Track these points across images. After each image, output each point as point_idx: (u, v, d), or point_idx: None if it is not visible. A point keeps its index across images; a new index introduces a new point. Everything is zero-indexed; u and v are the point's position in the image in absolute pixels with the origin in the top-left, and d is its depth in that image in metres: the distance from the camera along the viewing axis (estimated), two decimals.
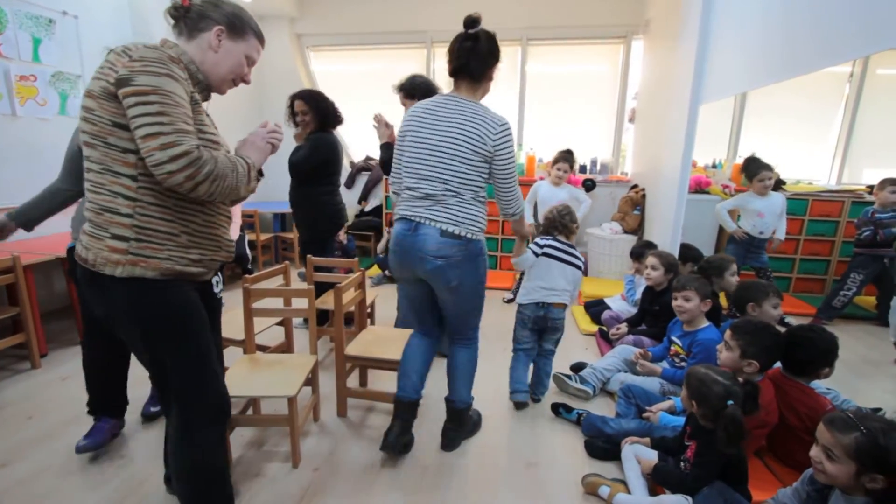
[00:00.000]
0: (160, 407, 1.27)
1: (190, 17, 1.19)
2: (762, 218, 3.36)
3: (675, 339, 2.21)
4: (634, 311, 2.94)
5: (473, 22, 1.64)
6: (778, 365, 1.80)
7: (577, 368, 2.51)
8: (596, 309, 3.27)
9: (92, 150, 1.10)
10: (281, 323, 2.42)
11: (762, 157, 3.53)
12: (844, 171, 4.61)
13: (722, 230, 3.91)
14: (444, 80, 1.81)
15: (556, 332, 2.27)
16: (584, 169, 4.94)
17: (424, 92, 2.48)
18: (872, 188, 3.46)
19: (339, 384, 2.11)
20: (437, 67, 5.02)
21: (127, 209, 1.10)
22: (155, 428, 2.00)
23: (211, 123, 1.22)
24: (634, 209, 4.27)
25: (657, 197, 3.74)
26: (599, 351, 2.86)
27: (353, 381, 2.35)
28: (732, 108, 4.63)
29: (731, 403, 1.39)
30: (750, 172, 3.40)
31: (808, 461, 1.28)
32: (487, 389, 2.30)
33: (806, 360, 1.71)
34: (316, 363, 1.96)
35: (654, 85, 4.06)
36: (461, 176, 1.66)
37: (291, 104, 2.78)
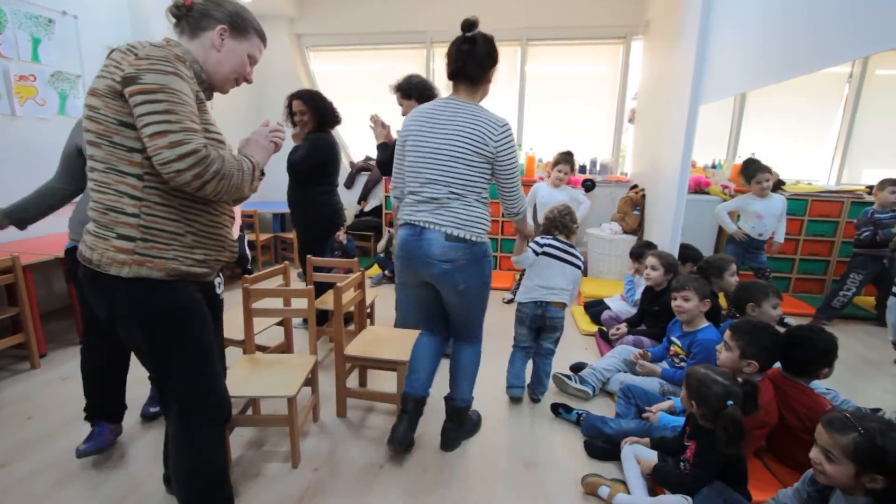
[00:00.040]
0: (160, 407, 1.27)
1: (192, 15, 1.18)
2: (761, 220, 3.36)
3: (674, 339, 2.21)
4: (634, 311, 2.94)
5: (471, 25, 1.65)
6: (777, 365, 1.80)
7: (576, 369, 2.51)
8: (595, 309, 3.27)
9: (96, 149, 1.09)
10: (280, 323, 2.42)
11: (761, 157, 3.54)
12: (844, 171, 4.62)
13: (721, 230, 3.91)
14: (443, 80, 1.81)
15: (554, 331, 2.27)
16: (583, 169, 4.94)
17: (421, 92, 2.48)
18: (872, 188, 3.46)
19: (338, 384, 2.11)
20: (436, 68, 5.02)
21: (133, 209, 1.09)
22: (154, 428, 2.01)
23: (215, 122, 1.22)
24: (634, 209, 4.27)
25: (657, 197, 3.74)
26: (599, 351, 2.86)
27: (352, 381, 2.35)
28: (732, 108, 4.64)
29: (730, 403, 1.39)
30: (748, 174, 3.40)
31: (807, 461, 1.28)
32: (487, 390, 2.30)
33: (805, 360, 1.71)
34: (315, 363, 1.96)
35: (653, 85, 4.07)
36: (464, 178, 1.66)
37: (289, 104, 2.78)
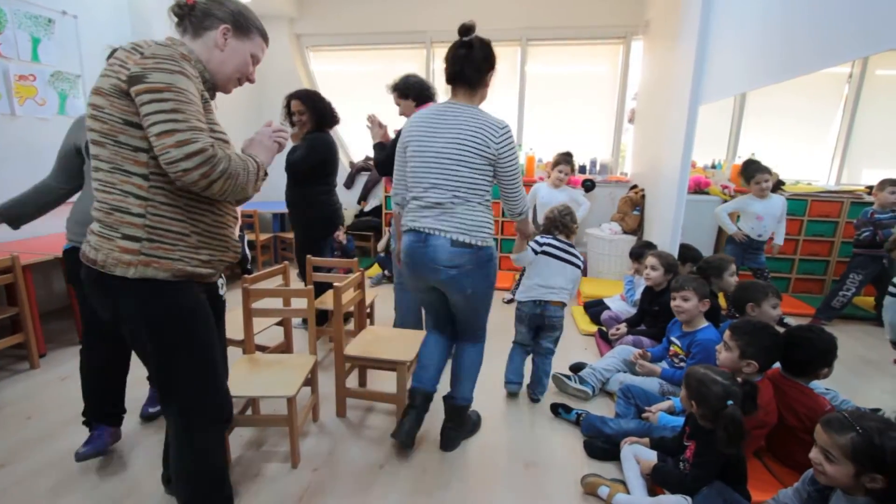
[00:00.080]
0: (162, 407, 1.25)
1: (195, 15, 1.18)
2: (761, 221, 3.36)
3: (674, 339, 2.21)
4: (634, 311, 2.94)
5: (467, 30, 1.66)
6: (777, 365, 1.80)
7: (576, 369, 2.51)
8: (595, 309, 3.27)
9: (101, 148, 1.08)
10: (280, 323, 2.42)
11: (761, 157, 3.54)
12: (843, 171, 4.62)
13: (721, 230, 3.91)
14: (443, 81, 1.81)
15: (553, 330, 2.28)
16: (583, 169, 4.94)
17: (418, 92, 2.48)
18: (871, 189, 3.46)
19: (338, 384, 2.11)
20: (436, 68, 5.02)
21: (138, 209, 1.08)
22: (153, 429, 2.01)
23: (218, 122, 1.22)
24: (634, 209, 4.27)
25: (656, 197, 3.74)
26: (599, 351, 2.86)
27: (352, 381, 2.35)
28: (732, 108, 4.64)
29: (730, 403, 1.39)
30: (748, 174, 3.40)
31: (807, 461, 1.28)
32: (487, 390, 2.30)
33: (805, 360, 1.72)
34: (315, 363, 1.96)
35: (653, 85, 4.07)
36: (468, 182, 1.67)
37: (288, 104, 2.78)
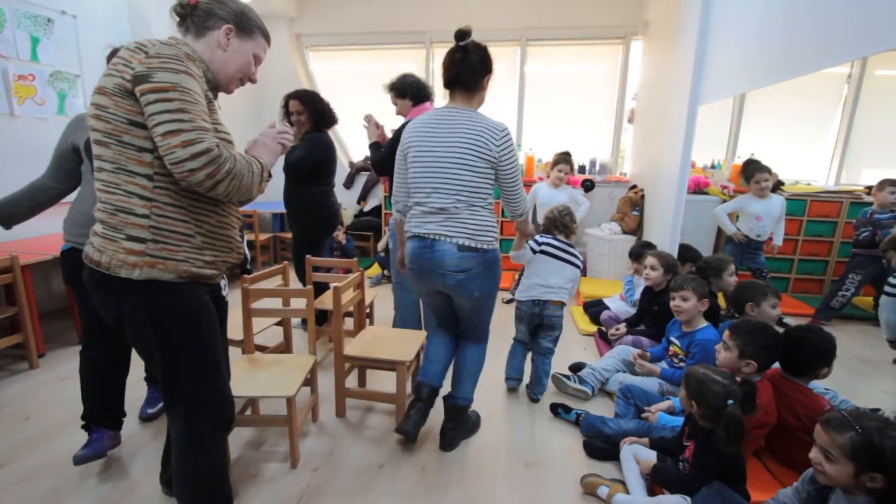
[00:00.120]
0: (165, 409, 1.25)
1: (197, 14, 1.17)
2: (760, 221, 3.36)
3: (673, 339, 2.21)
4: (633, 311, 2.94)
5: (463, 35, 1.68)
6: (776, 365, 1.80)
7: (575, 369, 2.51)
8: (595, 309, 3.27)
9: (104, 148, 1.07)
10: (280, 323, 2.42)
11: (761, 157, 3.54)
12: (843, 171, 4.62)
13: (720, 231, 3.91)
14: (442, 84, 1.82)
15: (552, 329, 2.28)
16: (583, 169, 4.95)
17: (415, 91, 2.48)
18: (871, 189, 3.47)
19: (337, 384, 2.11)
20: (436, 68, 5.02)
21: (143, 209, 1.08)
22: (152, 429, 2.00)
23: (222, 122, 1.21)
24: (633, 209, 4.27)
25: (656, 197, 3.74)
26: (598, 351, 2.87)
27: (351, 381, 2.35)
28: (731, 108, 4.64)
29: (731, 403, 1.39)
30: (747, 174, 3.40)
31: (806, 461, 1.28)
32: (486, 390, 2.30)
33: (804, 360, 1.72)
34: (315, 363, 1.96)
35: (653, 85, 4.07)
36: (472, 185, 1.67)
37: (286, 104, 2.77)
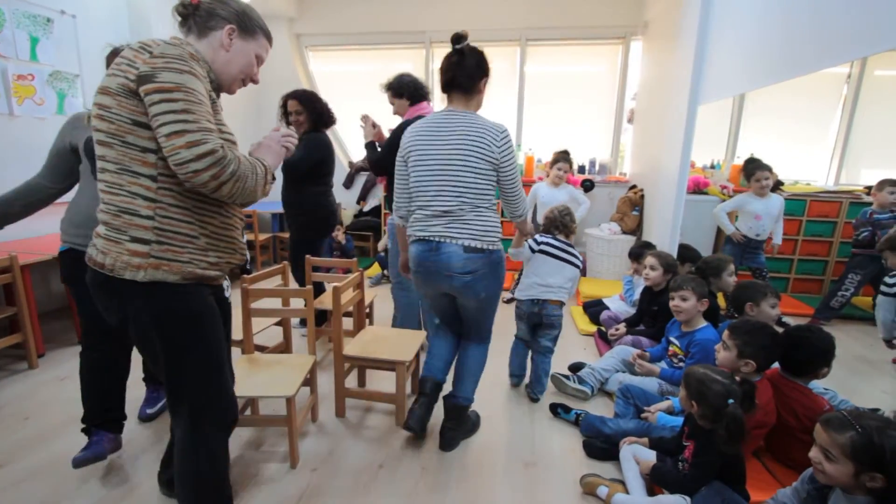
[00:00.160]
0: (170, 410, 1.24)
1: (199, 14, 1.17)
2: (759, 220, 3.36)
3: (673, 339, 2.21)
4: (633, 311, 2.94)
5: (459, 38, 1.71)
6: (776, 365, 1.80)
7: (575, 368, 2.51)
8: (594, 309, 3.27)
9: (108, 149, 1.06)
10: (279, 323, 2.42)
11: (760, 157, 3.54)
12: (842, 171, 4.63)
13: (720, 231, 3.91)
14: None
15: (551, 328, 2.29)
16: (582, 169, 4.95)
17: (412, 91, 2.48)
18: (870, 189, 3.47)
19: (337, 384, 2.11)
20: (435, 68, 5.01)
21: (147, 211, 1.07)
22: (151, 429, 2.00)
23: (226, 123, 1.20)
24: (633, 209, 4.27)
25: (656, 197, 3.74)
26: (598, 351, 2.87)
27: (351, 381, 2.35)
28: (731, 108, 4.64)
29: (731, 402, 1.39)
30: (748, 172, 3.41)
31: (806, 461, 1.28)
32: (486, 390, 2.29)
33: (805, 360, 1.72)
34: (314, 363, 1.96)
35: (652, 85, 4.07)
36: (475, 186, 1.68)
37: (284, 104, 2.76)
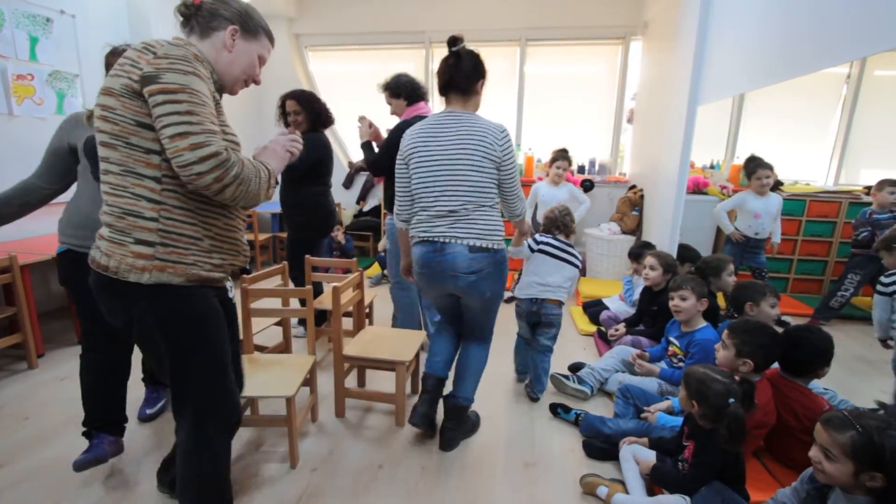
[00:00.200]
0: (174, 412, 1.25)
1: (202, 15, 1.16)
2: (758, 219, 3.36)
3: (672, 339, 2.21)
4: (632, 311, 2.94)
5: (455, 41, 1.73)
6: (776, 366, 1.80)
7: (575, 369, 2.51)
8: (594, 309, 3.28)
9: (111, 150, 1.06)
10: (279, 323, 2.42)
11: (761, 157, 3.53)
12: (842, 171, 4.63)
13: (720, 230, 3.91)
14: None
15: (550, 327, 2.29)
16: (582, 169, 4.95)
17: (409, 91, 2.49)
18: (870, 189, 3.47)
19: (337, 384, 2.10)
20: (435, 68, 4.99)
21: (151, 213, 1.07)
22: (151, 429, 2.00)
23: (230, 125, 1.20)
24: (633, 210, 4.27)
25: (655, 197, 3.74)
26: (598, 351, 2.87)
27: (351, 381, 2.35)
28: (730, 109, 4.64)
29: (732, 401, 1.39)
30: (749, 170, 3.41)
31: (805, 461, 1.28)
32: (486, 390, 2.29)
33: (805, 360, 1.72)
34: (314, 363, 1.96)
35: (652, 86, 4.07)
36: (480, 185, 1.69)
37: (283, 104, 2.76)
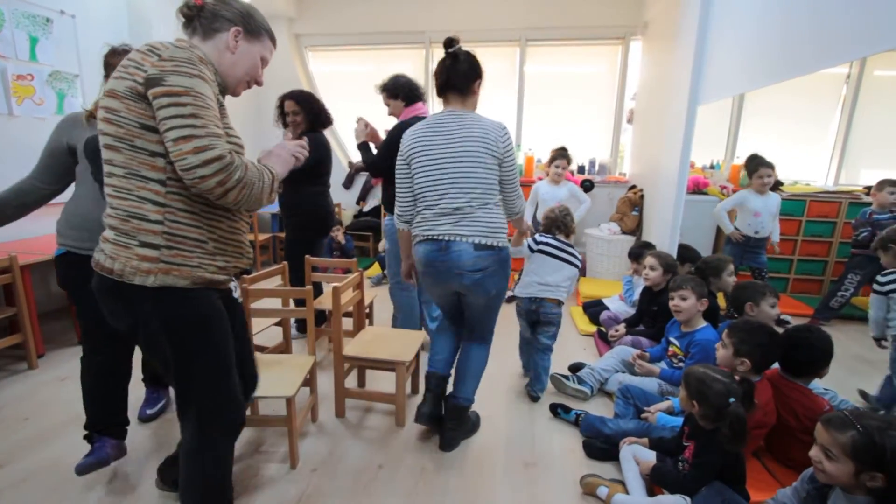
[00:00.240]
0: (179, 413, 1.25)
1: (204, 16, 1.16)
2: (758, 217, 3.36)
3: (672, 339, 2.21)
4: (632, 311, 2.94)
5: (451, 42, 1.74)
6: (776, 366, 1.80)
7: (575, 369, 2.51)
8: (594, 309, 3.27)
9: (115, 153, 1.06)
10: (279, 323, 2.42)
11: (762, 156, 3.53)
12: (842, 172, 4.63)
13: (720, 231, 3.91)
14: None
15: (549, 325, 2.30)
16: (582, 169, 4.95)
17: (407, 92, 2.48)
18: (869, 189, 3.47)
19: (337, 384, 2.10)
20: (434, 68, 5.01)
21: (156, 215, 1.06)
22: (150, 430, 2.00)
23: (233, 127, 1.19)
24: (633, 210, 4.27)
25: (655, 198, 3.74)
26: (598, 351, 2.87)
27: (351, 381, 2.35)
28: (730, 109, 4.64)
29: (732, 401, 1.39)
30: (750, 168, 3.41)
31: (806, 461, 1.28)
32: (486, 390, 2.29)
33: (807, 360, 1.73)
34: (314, 364, 1.96)
35: (652, 86, 4.07)
36: (485, 182, 1.70)
37: (281, 104, 2.76)
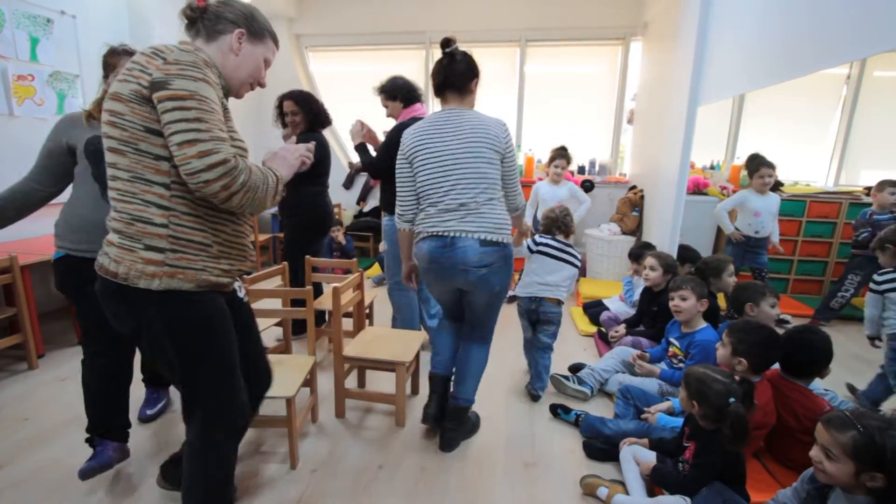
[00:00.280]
0: (184, 415, 1.25)
1: (207, 18, 1.15)
2: (758, 217, 3.36)
3: (672, 340, 2.21)
4: (633, 312, 2.94)
5: (448, 42, 1.75)
6: (776, 366, 1.80)
7: (575, 369, 2.51)
8: (594, 310, 3.27)
9: (120, 156, 1.06)
10: (279, 324, 2.42)
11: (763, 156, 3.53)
12: (842, 172, 4.63)
13: (720, 231, 3.91)
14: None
15: (550, 324, 2.30)
16: (582, 170, 4.95)
17: (405, 93, 2.48)
18: (870, 190, 3.47)
19: (337, 385, 2.10)
20: None
21: (161, 219, 1.06)
22: (151, 430, 2.00)
23: (237, 130, 1.19)
24: (633, 210, 4.27)
25: (655, 198, 3.74)
26: (598, 352, 2.87)
27: (351, 381, 2.35)
28: (731, 109, 4.64)
29: (732, 401, 1.39)
30: (751, 168, 3.41)
31: (806, 462, 1.28)
32: (486, 390, 2.29)
33: (807, 361, 1.73)
34: (314, 364, 1.96)
35: (652, 86, 4.07)
36: (490, 177, 1.70)
37: (280, 104, 2.75)
